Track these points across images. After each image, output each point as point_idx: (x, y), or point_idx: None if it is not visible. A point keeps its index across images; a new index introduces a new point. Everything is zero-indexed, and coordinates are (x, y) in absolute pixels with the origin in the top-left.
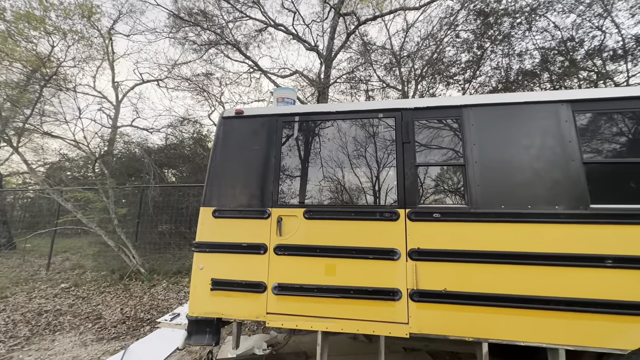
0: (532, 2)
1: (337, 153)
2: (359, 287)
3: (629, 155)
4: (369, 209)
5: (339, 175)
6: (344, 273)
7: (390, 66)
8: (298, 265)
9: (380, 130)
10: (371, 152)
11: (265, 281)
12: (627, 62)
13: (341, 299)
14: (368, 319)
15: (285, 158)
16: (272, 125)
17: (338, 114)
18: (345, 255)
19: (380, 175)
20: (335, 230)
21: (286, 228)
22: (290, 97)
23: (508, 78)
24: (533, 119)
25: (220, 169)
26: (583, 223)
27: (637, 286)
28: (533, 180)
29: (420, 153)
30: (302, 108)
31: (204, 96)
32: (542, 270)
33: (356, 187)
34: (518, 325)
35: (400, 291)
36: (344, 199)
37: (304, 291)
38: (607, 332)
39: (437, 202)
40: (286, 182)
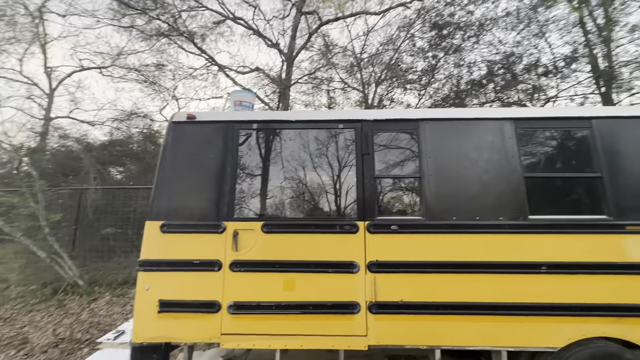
0: (481, 17)
1: (296, 163)
2: (318, 302)
3: (562, 170)
4: (329, 221)
5: (298, 187)
6: (303, 288)
7: (352, 69)
8: (256, 281)
9: (341, 141)
10: (331, 163)
11: (219, 300)
12: (557, 78)
13: (300, 315)
14: (327, 334)
15: (241, 168)
16: (228, 132)
17: (298, 123)
18: (305, 270)
19: (340, 187)
20: (295, 244)
21: (243, 243)
22: (249, 100)
23: (459, 87)
24: (482, 134)
25: (170, 179)
26: (522, 233)
27: (565, 289)
28: (481, 192)
29: (380, 165)
30: (261, 115)
31: (155, 89)
32: (488, 278)
33: (316, 199)
34: (467, 331)
35: (359, 304)
36: (303, 212)
37: (262, 309)
38: (541, 333)
39: (395, 214)
40: (243, 193)
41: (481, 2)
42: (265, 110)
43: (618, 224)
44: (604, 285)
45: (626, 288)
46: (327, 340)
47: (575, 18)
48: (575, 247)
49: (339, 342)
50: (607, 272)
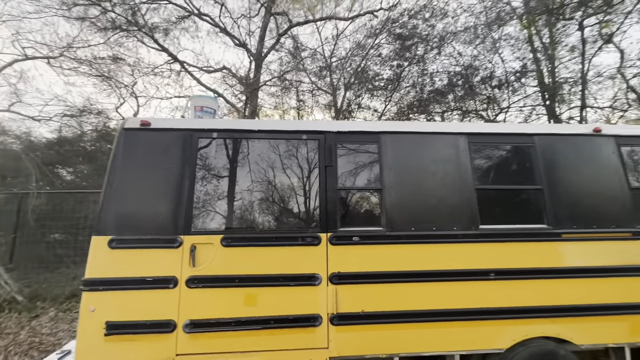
0: (442, 31)
1: (258, 174)
2: (280, 316)
3: (509, 182)
4: (291, 234)
5: (259, 199)
6: (265, 303)
7: (321, 72)
8: (214, 298)
9: (304, 152)
10: (294, 174)
11: (174, 319)
12: (509, 90)
13: (262, 331)
14: (289, 348)
15: (200, 179)
16: (186, 140)
17: (260, 133)
18: (267, 284)
19: (302, 199)
20: (256, 258)
21: (201, 257)
22: (211, 106)
23: (423, 95)
24: (438, 148)
25: (120, 190)
26: (474, 242)
27: (510, 294)
28: (437, 203)
29: (342, 177)
30: (222, 124)
31: (111, 85)
32: (443, 286)
33: (278, 211)
34: (423, 337)
35: (320, 317)
36: (265, 224)
37: (221, 326)
38: (489, 336)
39: (356, 226)
40: (201, 206)
41: (442, 16)
42: (227, 118)
43: (555, 232)
44: (542, 289)
45: (561, 291)
46: (288, 355)
47: (524, 36)
48: (520, 254)
49: (301, 356)
50: (546, 277)
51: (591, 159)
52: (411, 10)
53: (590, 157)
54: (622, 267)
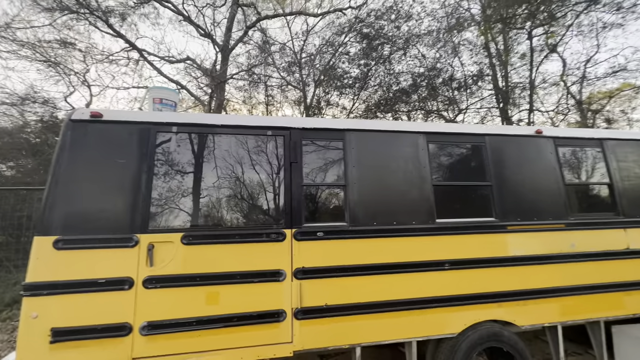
0: (407, 33)
1: (221, 170)
2: (243, 313)
3: (463, 179)
4: (255, 230)
5: (222, 195)
6: (227, 300)
7: (291, 67)
8: (174, 297)
9: (269, 148)
10: (258, 170)
11: (130, 321)
12: (467, 93)
13: (224, 329)
14: (252, 345)
15: (159, 175)
16: (144, 134)
17: (224, 128)
18: (230, 281)
19: (267, 195)
20: (219, 255)
21: (159, 256)
22: (171, 98)
23: (389, 94)
24: (399, 146)
25: (66, 187)
26: (431, 235)
27: (462, 282)
28: (398, 199)
29: (307, 173)
30: (183, 117)
31: (58, 71)
32: (402, 277)
33: (242, 207)
34: (383, 327)
35: (285, 312)
36: (228, 221)
37: (181, 326)
38: (443, 322)
39: (321, 221)
40: (160, 203)
41: (406, 19)
42: (191, 112)
43: (502, 225)
44: (490, 276)
45: (506, 278)
46: (251, 352)
47: (481, 42)
48: (471, 245)
49: (265, 352)
50: (493, 266)
51: (533, 158)
52: (378, 10)
53: (532, 156)
54: (556, 254)
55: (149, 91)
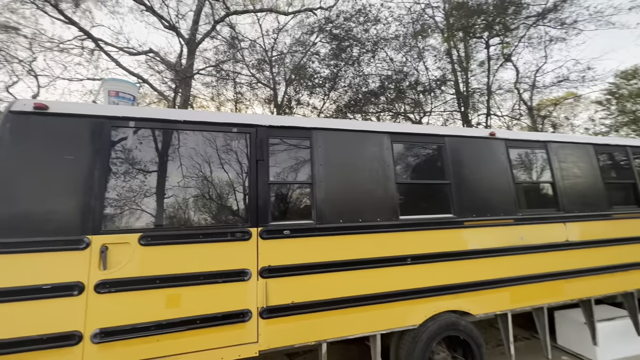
0: (375, 36)
1: (183, 168)
2: (207, 315)
3: (424, 177)
4: (219, 229)
5: (185, 194)
6: (190, 302)
7: (261, 65)
8: (131, 301)
9: (234, 145)
10: (223, 168)
11: (80, 329)
12: (431, 96)
13: (186, 332)
14: (216, 347)
15: (113, 172)
16: (97, 129)
17: (186, 124)
18: (192, 283)
19: (232, 194)
20: (181, 256)
21: (114, 259)
22: (128, 92)
23: (358, 95)
24: (366, 145)
25: (4, 185)
26: (394, 231)
27: (423, 276)
28: (363, 197)
29: (274, 171)
30: (142, 112)
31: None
32: (368, 272)
33: (206, 206)
34: (350, 322)
35: (250, 311)
36: (191, 220)
37: (139, 332)
38: (405, 314)
39: (287, 219)
40: (115, 202)
41: (375, 22)
42: (154, 107)
43: (459, 221)
44: (448, 269)
45: (462, 270)
46: (215, 354)
47: (445, 49)
48: (431, 240)
49: (229, 354)
50: (451, 259)
51: (487, 158)
52: (347, 12)
53: (486, 157)
54: (506, 247)
55: (103, 83)
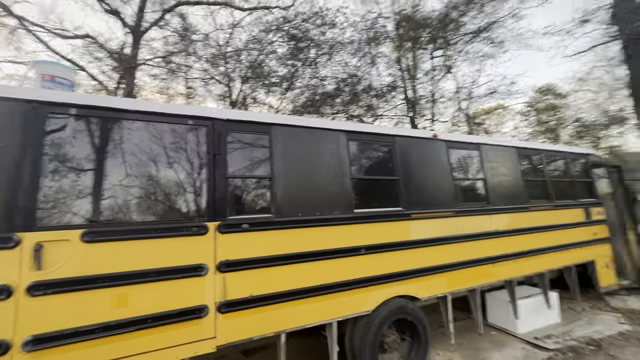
0: (331, 39)
1: (133, 160)
2: (159, 313)
3: (376, 174)
4: (174, 224)
5: (136, 188)
6: (140, 301)
7: (215, 60)
8: (71, 304)
9: (190, 138)
10: (177, 161)
11: (7, 338)
12: (383, 101)
13: (136, 332)
14: (170, 346)
15: (50, 163)
16: (31, 115)
17: (138, 114)
18: (142, 280)
19: (188, 188)
20: (130, 253)
21: (51, 258)
22: (65, 77)
23: (315, 96)
24: (323, 142)
25: None
26: (349, 224)
27: (375, 264)
28: (321, 191)
29: (232, 165)
30: (85, 99)
31: None
32: (325, 263)
33: (158, 200)
34: (307, 311)
35: (207, 307)
36: (142, 215)
37: (81, 335)
38: (359, 301)
39: (246, 213)
40: (52, 196)
41: (330, 26)
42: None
43: (407, 213)
44: (398, 258)
45: (410, 258)
46: (170, 353)
47: (395, 56)
48: (383, 231)
49: (184, 351)
50: (400, 249)
51: (431, 157)
52: (304, 14)
53: (430, 156)
54: (447, 237)
55: (35, 66)
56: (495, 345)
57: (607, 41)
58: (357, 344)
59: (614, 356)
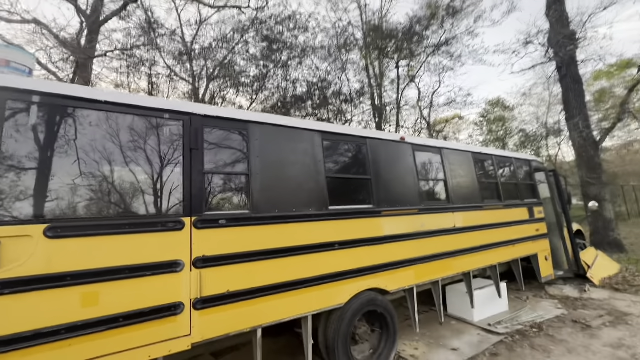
0: (303, 44)
1: (104, 152)
2: (131, 311)
3: (350, 173)
4: (148, 219)
5: (105, 180)
6: (111, 299)
7: (181, 57)
8: (32, 304)
9: (165, 133)
10: (152, 155)
11: None
12: (351, 106)
13: (106, 332)
14: (142, 345)
15: (9, 154)
16: None
17: (110, 105)
18: (114, 278)
19: (163, 183)
20: (101, 249)
21: (11, 255)
22: (23, 62)
23: (286, 98)
24: (300, 141)
25: None
26: (324, 220)
27: (348, 259)
28: (297, 189)
29: (209, 161)
30: (50, 86)
31: None
32: (300, 258)
33: (132, 195)
34: (284, 306)
35: (182, 304)
36: (114, 210)
37: (43, 337)
38: (333, 295)
39: (223, 209)
40: (7, 187)
41: (303, 30)
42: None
43: (378, 211)
44: (369, 253)
45: (380, 253)
46: (142, 352)
47: (363, 64)
48: (355, 228)
49: (158, 350)
50: (371, 244)
51: (399, 159)
52: (277, 16)
53: (398, 157)
54: (413, 233)
55: None
56: (455, 333)
57: (545, 62)
58: (331, 336)
59: (552, 336)
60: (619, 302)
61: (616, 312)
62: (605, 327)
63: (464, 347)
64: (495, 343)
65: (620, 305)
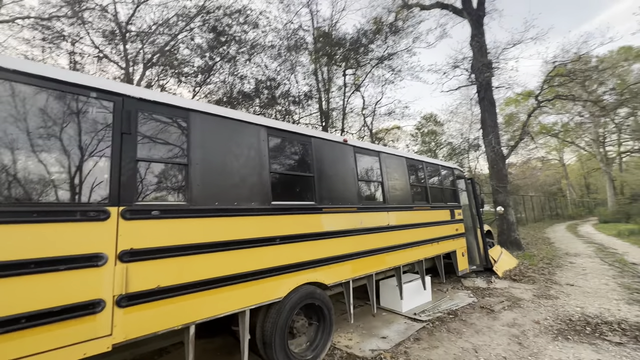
0: (253, 40)
1: (15, 129)
2: (36, 311)
3: (294, 169)
4: (62, 207)
5: (12, 161)
6: (11, 298)
7: (112, 37)
8: None
9: (92, 113)
10: (74, 136)
11: None
12: (299, 108)
13: (3, 335)
14: (47, 349)
15: None
16: None
17: (26, 76)
18: (15, 273)
19: (86, 166)
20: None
21: None
22: None
23: (232, 94)
24: (245, 134)
25: None
26: (267, 215)
27: (288, 254)
28: (239, 182)
29: (143, 147)
30: None
31: None
32: (240, 252)
33: (45, 179)
34: (220, 301)
35: (103, 301)
36: (21, 196)
37: None
38: (272, 289)
39: (156, 199)
40: None
41: (254, 26)
42: None
43: (319, 207)
44: (309, 248)
45: (319, 248)
46: (48, 357)
47: (312, 68)
48: (297, 223)
49: (70, 354)
50: (311, 239)
51: (341, 159)
52: (227, 8)
53: (340, 158)
54: (351, 229)
55: None
56: (385, 323)
57: (468, 85)
58: (269, 330)
59: (465, 320)
60: (515, 290)
61: (513, 297)
62: (504, 310)
63: (392, 335)
64: (419, 329)
65: (516, 292)
